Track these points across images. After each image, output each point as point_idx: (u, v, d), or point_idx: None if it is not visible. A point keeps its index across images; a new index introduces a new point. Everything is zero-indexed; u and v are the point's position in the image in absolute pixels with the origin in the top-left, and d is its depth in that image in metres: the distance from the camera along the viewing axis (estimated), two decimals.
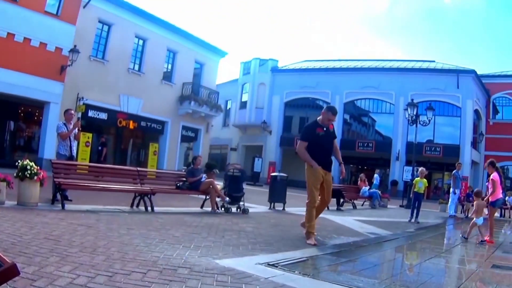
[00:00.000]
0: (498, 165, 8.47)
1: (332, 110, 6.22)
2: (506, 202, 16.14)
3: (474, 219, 8.04)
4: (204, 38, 27.77)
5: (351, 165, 34.11)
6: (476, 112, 30.91)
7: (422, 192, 11.43)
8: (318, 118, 6.31)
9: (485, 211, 8.36)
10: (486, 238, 7.67)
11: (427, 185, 11.96)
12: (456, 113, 29.63)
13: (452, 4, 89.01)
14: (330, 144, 6.30)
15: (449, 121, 29.86)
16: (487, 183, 8.54)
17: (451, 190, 14.72)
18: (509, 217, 16.40)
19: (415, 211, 11.04)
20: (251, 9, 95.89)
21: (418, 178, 11.58)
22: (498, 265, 5.40)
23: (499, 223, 8.47)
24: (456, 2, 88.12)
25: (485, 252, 6.78)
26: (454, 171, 14.50)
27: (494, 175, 8.18)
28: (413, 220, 10.92)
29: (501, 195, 8.40)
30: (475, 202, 8.38)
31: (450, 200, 14.80)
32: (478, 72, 30.86)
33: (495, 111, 33.77)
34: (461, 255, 6.74)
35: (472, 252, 7.08)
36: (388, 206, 16.89)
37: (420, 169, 11.92)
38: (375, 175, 21.96)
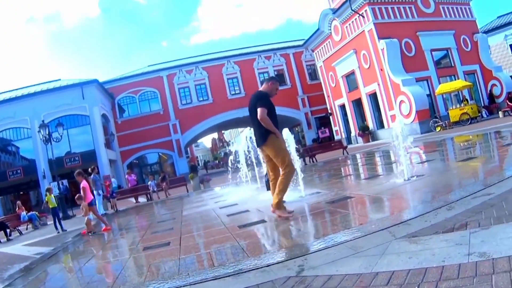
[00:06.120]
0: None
1: (279, 79, 6.32)
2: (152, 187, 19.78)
3: (86, 216, 9.61)
4: None
5: (9, 195, 33.64)
6: (104, 116, 33.80)
7: (56, 205, 13.14)
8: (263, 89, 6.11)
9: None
10: (104, 228, 9.30)
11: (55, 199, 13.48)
12: (85, 121, 32.19)
13: (71, 27, 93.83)
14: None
15: (81, 130, 32.26)
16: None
17: (95, 193, 15.24)
18: (158, 198, 18.61)
19: (58, 223, 12.45)
20: None
21: (48, 195, 13.02)
22: (149, 246, 5.94)
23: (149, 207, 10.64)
24: (75, 24, 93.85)
25: (138, 238, 7.30)
26: (91, 176, 14.75)
27: (84, 183, 9.53)
28: (60, 231, 12.22)
29: (92, 197, 9.93)
30: (82, 205, 9.78)
31: (97, 202, 15.32)
32: (102, 80, 34.58)
33: (122, 111, 37.88)
34: (117, 249, 7.13)
35: (126, 241, 7.69)
36: (48, 222, 17.10)
37: (47, 187, 13.67)
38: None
